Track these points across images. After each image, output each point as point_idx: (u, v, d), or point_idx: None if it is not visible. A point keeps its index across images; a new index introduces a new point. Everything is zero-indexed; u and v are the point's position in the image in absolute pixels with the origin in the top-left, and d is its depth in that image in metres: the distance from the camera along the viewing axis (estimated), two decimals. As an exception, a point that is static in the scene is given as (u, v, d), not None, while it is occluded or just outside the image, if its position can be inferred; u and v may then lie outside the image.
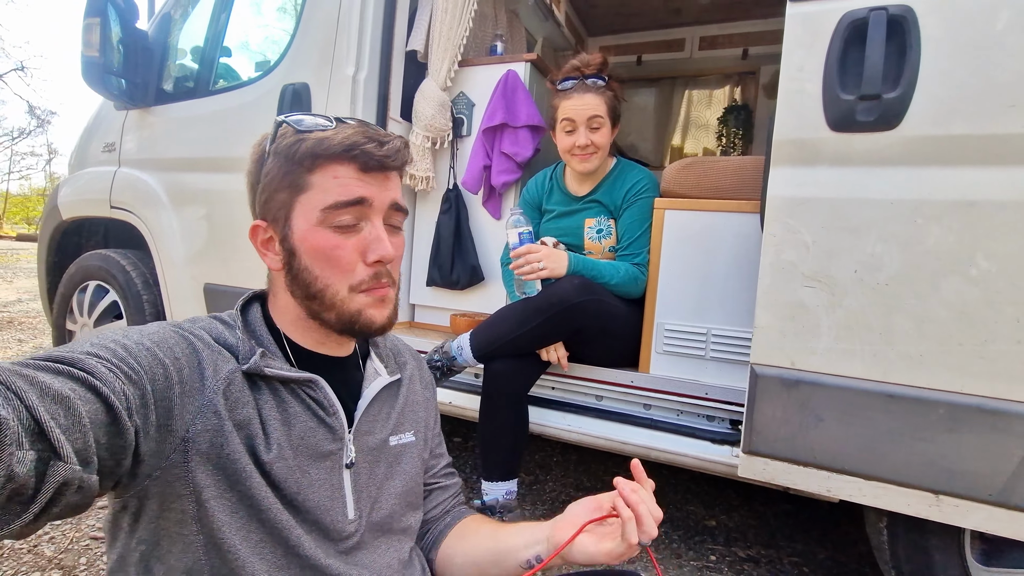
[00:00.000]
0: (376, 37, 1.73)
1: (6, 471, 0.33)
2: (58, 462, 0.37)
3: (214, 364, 0.58)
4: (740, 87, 3.23)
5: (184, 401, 0.54)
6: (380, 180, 0.62)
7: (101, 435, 0.43)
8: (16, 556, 1.26)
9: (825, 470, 1.07)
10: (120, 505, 0.56)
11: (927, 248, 0.98)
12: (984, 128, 0.94)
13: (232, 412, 0.57)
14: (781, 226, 1.09)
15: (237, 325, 0.63)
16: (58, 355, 0.45)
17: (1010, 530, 0.95)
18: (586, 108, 1.44)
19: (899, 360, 1.00)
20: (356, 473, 0.65)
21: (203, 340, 0.59)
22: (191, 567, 0.55)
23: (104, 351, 0.48)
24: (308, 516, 0.60)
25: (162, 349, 0.53)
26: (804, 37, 1.06)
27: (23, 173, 27.05)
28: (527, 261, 1.34)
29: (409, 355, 0.82)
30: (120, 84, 2.03)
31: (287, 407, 0.61)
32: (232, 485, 0.56)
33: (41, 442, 0.37)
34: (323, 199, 0.60)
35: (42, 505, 0.36)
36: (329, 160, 0.60)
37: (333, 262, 0.61)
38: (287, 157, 0.60)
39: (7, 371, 0.38)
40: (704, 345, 1.39)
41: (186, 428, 0.53)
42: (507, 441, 1.40)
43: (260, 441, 0.58)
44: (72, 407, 0.40)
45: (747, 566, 1.49)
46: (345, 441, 0.65)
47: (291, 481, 0.59)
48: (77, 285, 2.31)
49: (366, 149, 0.60)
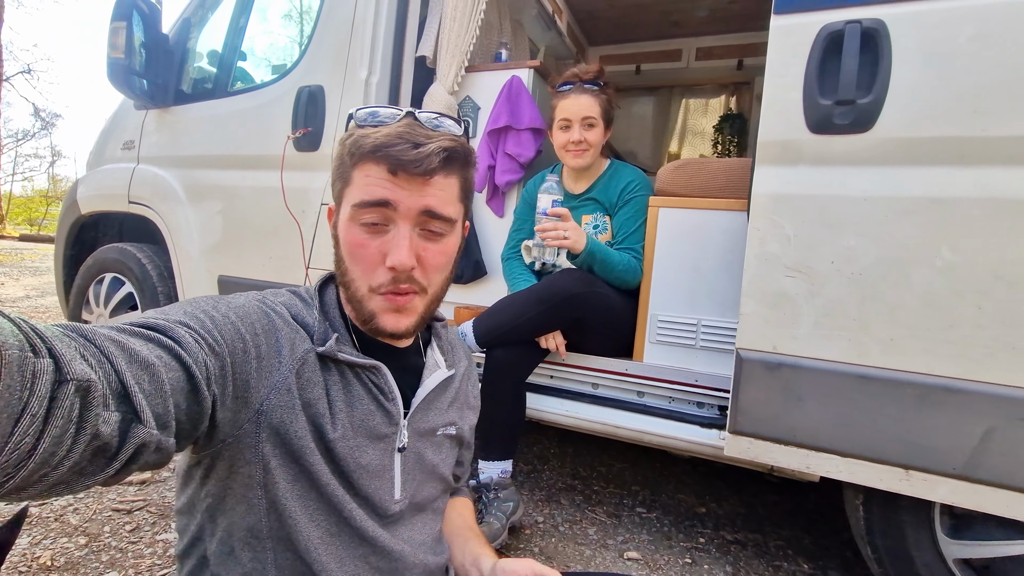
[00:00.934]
0: (388, 43, 1.83)
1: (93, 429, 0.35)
2: (139, 425, 0.39)
3: (291, 343, 0.61)
4: (735, 96, 3.33)
5: (260, 375, 0.57)
6: (414, 184, 0.61)
7: (181, 401, 0.46)
8: (44, 524, 1.33)
9: (805, 448, 1.15)
10: (195, 460, 0.61)
11: (898, 241, 1.06)
12: (949, 131, 1.03)
13: (303, 391, 0.60)
14: (765, 221, 1.17)
15: (315, 305, 0.67)
16: (152, 322, 0.49)
17: (972, 502, 1.03)
18: (581, 107, 1.56)
19: (873, 344, 1.08)
20: (406, 457, 0.69)
21: (283, 317, 0.62)
22: (253, 525, 0.60)
23: (194, 321, 0.51)
24: (360, 492, 0.64)
25: (245, 324, 0.57)
26: (787, 47, 1.15)
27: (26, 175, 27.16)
28: (556, 227, 1.40)
29: (463, 353, 0.85)
30: (142, 84, 2.13)
31: (352, 389, 0.65)
32: (296, 458, 0.60)
33: (126, 404, 0.39)
34: (354, 196, 0.62)
35: (123, 462, 0.39)
36: (363, 158, 0.61)
37: (356, 259, 0.63)
38: (341, 150, 0.64)
39: (102, 335, 0.40)
40: (695, 335, 1.47)
41: (260, 401, 0.57)
42: (505, 423, 1.48)
43: (327, 420, 0.62)
44: (156, 373, 0.42)
45: (734, 548, 1.56)
46: (400, 426, 0.68)
47: (350, 459, 0.63)
48: (94, 277, 2.40)
49: (393, 152, 0.59)
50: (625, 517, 1.70)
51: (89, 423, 0.35)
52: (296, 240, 1.85)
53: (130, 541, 1.29)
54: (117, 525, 1.35)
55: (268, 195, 1.90)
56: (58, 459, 0.34)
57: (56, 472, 0.35)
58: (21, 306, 4.67)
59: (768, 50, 1.17)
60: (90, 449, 0.36)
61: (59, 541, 1.26)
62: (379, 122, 0.63)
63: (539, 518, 1.64)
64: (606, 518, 1.68)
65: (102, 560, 1.20)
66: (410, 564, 0.69)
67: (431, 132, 0.62)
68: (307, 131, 1.84)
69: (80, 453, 0.35)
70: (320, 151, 1.84)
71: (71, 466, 0.35)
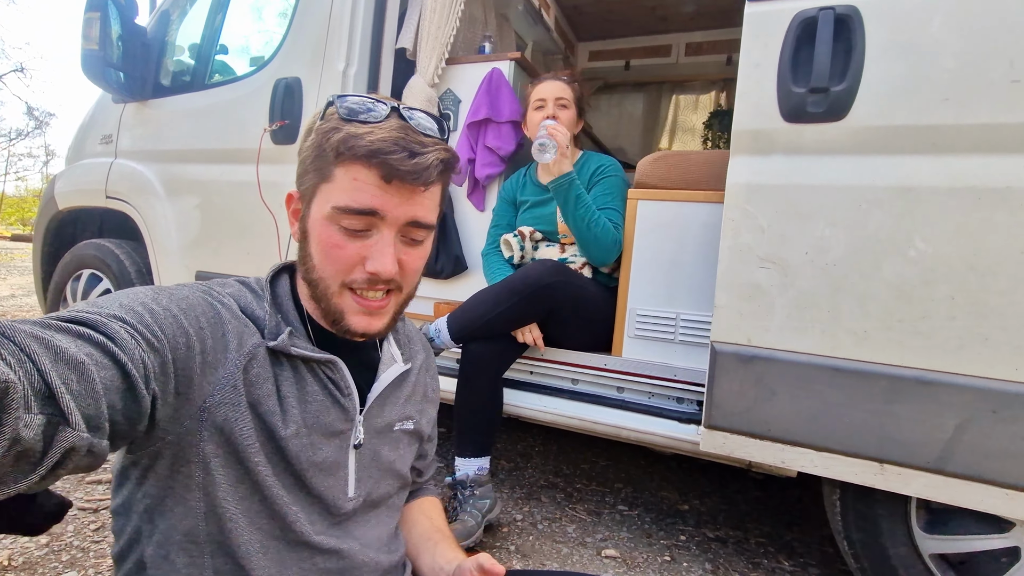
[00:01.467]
0: (367, 34, 1.81)
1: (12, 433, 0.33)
2: (66, 428, 0.36)
3: (239, 337, 0.58)
4: (725, 92, 3.32)
5: (204, 371, 0.54)
6: (404, 193, 0.58)
7: (116, 400, 0.43)
8: (6, 522, 1.30)
9: (779, 443, 1.13)
10: (130, 460, 0.58)
11: (870, 231, 1.05)
12: (921, 119, 1.02)
13: (250, 388, 0.58)
14: (739, 211, 1.15)
15: (265, 297, 0.64)
16: (83, 315, 0.45)
17: (946, 495, 1.01)
18: (555, 89, 1.64)
19: (845, 336, 1.07)
20: (362, 454, 0.67)
21: (230, 309, 0.59)
22: (190, 529, 0.57)
23: (131, 315, 0.48)
24: (312, 490, 0.62)
25: (188, 317, 0.54)
26: (760, 34, 1.14)
27: (20, 174, 27.02)
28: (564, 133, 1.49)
29: (421, 344, 0.83)
30: (119, 77, 2.10)
31: (305, 385, 0.62)
32: (239, 459, 0.57)
33: (51, 406, 0.36)
34: (337, 197, 0.58)
35: (49, 468, 0.36)
36: (353, 159, 0.57)
37: (332, 259, 0.60)
38: (320, 142, 0.59)
39: (23, 332, 0.37)
40: (673, 329, 1.46)
41: (204, 398, 0.55)
42: (482, 419, 1.46)
43: (278, 418, 0.59)
44: (86, 373, 0.39)
45: (714, 545, 1.54)
46: (355, 422, 0.66)
47: (303, 458, 0.61)
48: (71, 273, 2.37)
49: (390, 160, 0.56)
50: (606, 515, 1.68)
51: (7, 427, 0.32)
52: (274, 234, 1.83)
53: (93, 540, 1.26)
54: (81, 524, 1.32)
55: (245, 189, 1.88)
56: None
57: None
58: (6, 305, 4.63)
59: (742, 37, 1.15)
60: (11, 454, 0.33)
61: (19, 540, 1.23)
62: (366, 120, 0.58)
63: (518, 516, 1.62)
64: (586, 516, 1.66)
65: (62, 560, 1.18)
66: (359, 563, 0.67)
67: (424, 139, 0.59)
68: (284, 124, 1.81)
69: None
70: (297, 144, 1.81)
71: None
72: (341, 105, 0.59)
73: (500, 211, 1.78)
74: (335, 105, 0.60)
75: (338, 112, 0.59)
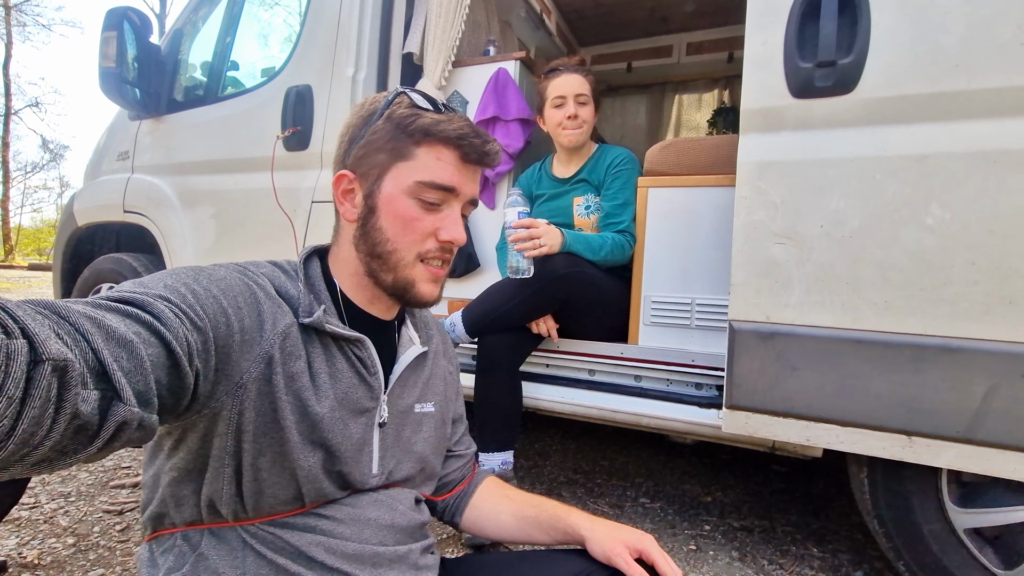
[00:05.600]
0: (374, 40, 1.85)
1: (72, 408, 0.35)
2: (119, 403, 0.38)
3: (273, 316, 0.60)
4: (728, 90, 3.33)
5: (242, 349, 0.57)
6: (472, 173, 0.68)
7: (163, 376, 0.45)
8: (33, 525, 1.31)
9: (803, 419, 1.12)
10: (165, 431, 0.60)
11: (886, 201, 1.04)
12: (932, 87, 1.02)
13: (285, 364, 0.60)
14: (751, 189, 1.16)
15: (299, 278, 0.66)
16: (130, 295, 0.47)
17: (978, 465, 0.99)
18: (574, 84, 1.59)
19: (866, 307, 1.06)
20: (385, 432, 0.69)
21: (265, 289, 0.62)
22: (214, 493, 0.59)
23: (175, 295, 0.51)
24: (337, 465, 0.63)
25: (227, 297, 0.56)
26: (766, 11, 1.15)
27: (35, 206, 27.60)
28: (530, 236, 1.36)
29: (436, 329, 0.85)
30: (135, 94, 2.15)
31: (335, 362, 0.64)
32: (269, 430, 0.59)
33: (104, 382, 0.38)
34: (421, 173, 0.64)
35: (105, 440, 0.38)
36: (439, 141, 0.64)
37: (409, 231, 0.65)
38: (398, 125, 0.65)
39: (77, 312, 0.39)
40: (689, 314, 1.45)
41: (240, 375, 0.57)
42: (502, 413, 1.46)
43: (311, 393, 0.61)
44: (135, 350, 0.42)
45: (740, 535, 1.51)
46: (380, 401, 0.68)
47: (335, 432, 0.63)
48: (91, 288, 2.40)
49: (474, 142, 0.65)
50: (628, 508, 1.66)
51: (68, 402, 0.34)
52: (288, 239, 1.85)
53: (119, 540, 1.27)
54: (107, 525, 1.33)
55: (260, 197, 1.91)
56: (39, 439, 0.33)
57: (37, 451, 0.34)
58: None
59: (747, 16, 1.16)
60: (71, 428, 0.35)
61: (47, 541, 1.24)
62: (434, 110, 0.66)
63: (539, 510, 1.60)
64: (608, 509, 1.64)
65: (89, 559, 1.18)
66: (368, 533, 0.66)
67: (483, 131, 0.68)
68: (296, 130, 1.85)
69: (61, 432, 0.35)
70: (309, 150, 1.85)
71: (52, 445, 0.35)
72: (413, 97, 0.67)
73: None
74: (406, 96, 0.67)
75: (413, 101, 0.66)
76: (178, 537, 0.62)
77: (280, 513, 0.62)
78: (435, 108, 0.66)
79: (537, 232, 1.36)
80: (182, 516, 0.62)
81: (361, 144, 0.67)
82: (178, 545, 0.62)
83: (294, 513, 0.63)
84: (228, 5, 2.22)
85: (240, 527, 0.61)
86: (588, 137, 1.64)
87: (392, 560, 0.66)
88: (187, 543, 0.62)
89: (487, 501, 0.86)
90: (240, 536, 0.61)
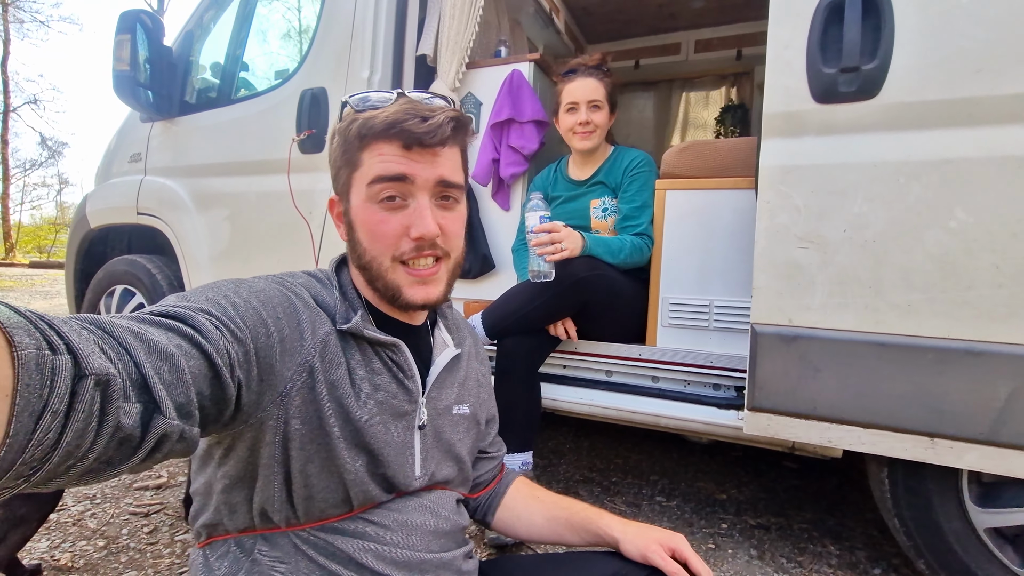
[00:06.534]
0: (388, 43, 1.85)
1: (115, 421, 0.36)
2: (160, 416, 0.39)
3: (312, 325, 0.62)
4: (736, 87, 3.33)
5: (284, 358, 0.58)
6: (426, 157, 0.64)
7: (204, 388, 0.46)
8: (63, 528, 1.33)
9: (825, 421, 1.13)
10: (215, 440, 0.62)
11: (909, 205, 1.05)
12: (955, 93, 1.03)
13: (326, 372, 0.61)
14: (774, 193, 1.16)
15: (334, 285, 0.68)
16: (173, 310, 0.49)
17: (1002, 467, 1.01)
18: (587, 90, 1.59)
19: (889, 311, 1.07)
20: (425, 435, 0.70)
21: (303, 300, 0.63)
22: (265, 500, 0.61)
23: (216, 308, 0.52)
24: (381, 468, 0.65)
25: (267, 308, 0.57)
26: (788, 15, 1.15)
27: (35, 203, 27.53)
28: (551, 240, 1.36)
29: (467, 331, 0.86)
30: (148, 96, 2.15)
31: (373, 367, 0.66)
32: (316, 437, 0.60)
33: (147, 395, 0.39)
34: (368, 174, 0.63)
35: (147, 451, 0.39)
36: (375, 138, 0.63)
37: (378, 236, 0.64)
38: (345, 136, 0.65)
39: (121, 327, 0.40)
40: (707, 316, 1.46)
41: (284, 384, 0.58)
42: (522, 414, 1.47)
43: (352, 399, 0.62)
44: (176, 363, 0.42)
45: (758, 532, 1.53)
46: (419, 403, 0.69)
47: (378, 436, 0.64)
48: (104, 290, 2.42)
49: (405, 127, 0.61)
50: (645, 506, 1.68)
51: (111, 416, 0.35)
52: (304, 242, 1.86)
53: (148, 543, 1.28)
54: (135, 528, 1.35)
55: (274, 199, 1.92)
56: (83, 451, 0.34)
57: (82, 463, 0.35)
58: (34, 327, 4.71)
59: (769, 21, 1.17)
60: (114, 441, 0.36)
61: (78, 544, 1.26)
62: (374, 105, 0.65)
63: (557, 509, 1.62)
64: (625, 507, 1.66)
65: (121, 561, 1.20)
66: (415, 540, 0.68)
67: (432, 107, 0.65)
68: (311, 133, 1.85)
69: (104, 445, 0.35)
70: (324, 152, 1.85)
71: (96, 457, 0.36)
72: (353, 102, 0.66)
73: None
74: (348, 103, 0.66)
75: (352, 107, 0.66)
76: (232, 543, 0.64)
77: (330, 517, 0.63)
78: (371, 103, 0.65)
79: (559, 236, 1.37)
80: (235, 523, 0.64)
81: (331, 166, 0.69)
82: (232, 551, 0.63)
83: (343, 517, 0.64)
84: (240, 7, 2.22)
85: (292, 532, 0.63)
86: (602, 141, 1.65)
87: (438, 567, 0.68)
88: (240, 549, 0.63)
89: (518, 502, 0.88)
90: (292, 542, 0.62)
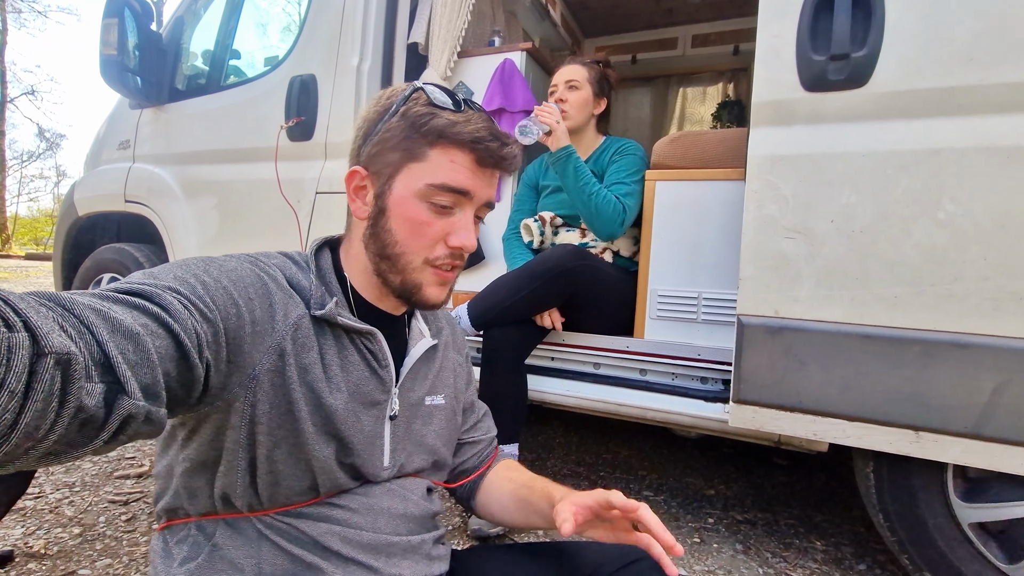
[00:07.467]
0: (379, 30, 1.83)
1: (76, 402, 0.34)
2: (124, 396, 0.38)
3: (285, 307, 0.60)
4: (733, 83, 3.31)
5: (254, 340, 0.56)
6: (488, 177, 0.65)
7: (171, 368, 0.45)
8: (39, 515, 1.31)
9: (810, 414, 1.12)
10: (179, 421, 0.60)
11: (897, 196, 1.04)
12: (945, 81, 1.01)
13: (298, 356, 0.60)
14: (762, 183, 1.15)
15: (311, 269, 0.66)
16: (138, 287, 0.46)
17: (985, 461, 0.99)
18: (567, 72, 1.65)
19: (875, 303, 1.06)
20: (396, 425, 0.69)
21: (276, 281, 0.61)
22: (227, 485, 0.60)
23: (184, 286, 0.50)
24: (350, 457, 0.64)
25: (238, 288, 0.56)
26: (778, 2, 1.13)
27: (32, 195, 27.42)
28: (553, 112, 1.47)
29: (445, 321, 0.85)
30: (136, 82, 2.13)
31: (347, 354, 0.64)
32: (284, 422, 0.59)
33: (110, 375, 0.37)
34: (433, 175, 0.62)
35: (111, 433, 0.38)
36: (453, 143, 0.62)
37: (419, 235, 0.63)
38: (413, 124, 0.63)
39: (82, 304, 0.39)
40: (696, 308, 1.45)
41: (253, 366, 0.56)
42: (508, 406, 1.45)
43: (323, 384, 0.61)
44: (141, 343, 0.41)
45: (744, 527, 1.52)
46: (391, 394, 0.68)
47: (348, 424, 0.63)
48: (92, 278, 2.39)
49: (490, 146, 0.62)
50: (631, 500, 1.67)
51: (72, 396, 0.34)
52: (292, 231, 1.84)
53: (125, 531, 1.27)
54: (113, 516, 1.33)
55: (263, 187, 1.90)
56: (43, 433, 0.33)
57: (42, 444, 0.34)
58: (25, 317, 4.69)
59: (759, 8, 1.15)
60: (76, 422, 0.35)
61: (53, 531, 1.24)
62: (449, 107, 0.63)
63: (543, 503, 1.61)
64: (611, 501, 1.65)
65: (96, 548, 1.18)
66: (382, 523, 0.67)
67: (502, 131, 0.66)
68: (300, 120, 1.83)
69: (65, 426, 0.34)
70: (313, 140, 1.84)
71: (57, 438, 0.34)
72: (431, 93, 0.64)
73: (522, 196, 1.79)
74: (423, 93, 0.64)
75: (430, 99, 0.63)
76: (192, 527, 0.62)
77: (295, 504, 0.62)
78: (455, 106, 0.64)
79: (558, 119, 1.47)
80: (196, 507, 0.62)
81: (375, 141, 0.65)
82: (192, 535, 0.62)
83: (309, 503, 0.63)
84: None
85: (255, 518, 0.61)
86: (581, 122, 1.64)
87: (406, 550, 0.67)
88: (201, 533, 0.62)
89: (493, 483, 0.85)
90: (255, 527, 0.61)
